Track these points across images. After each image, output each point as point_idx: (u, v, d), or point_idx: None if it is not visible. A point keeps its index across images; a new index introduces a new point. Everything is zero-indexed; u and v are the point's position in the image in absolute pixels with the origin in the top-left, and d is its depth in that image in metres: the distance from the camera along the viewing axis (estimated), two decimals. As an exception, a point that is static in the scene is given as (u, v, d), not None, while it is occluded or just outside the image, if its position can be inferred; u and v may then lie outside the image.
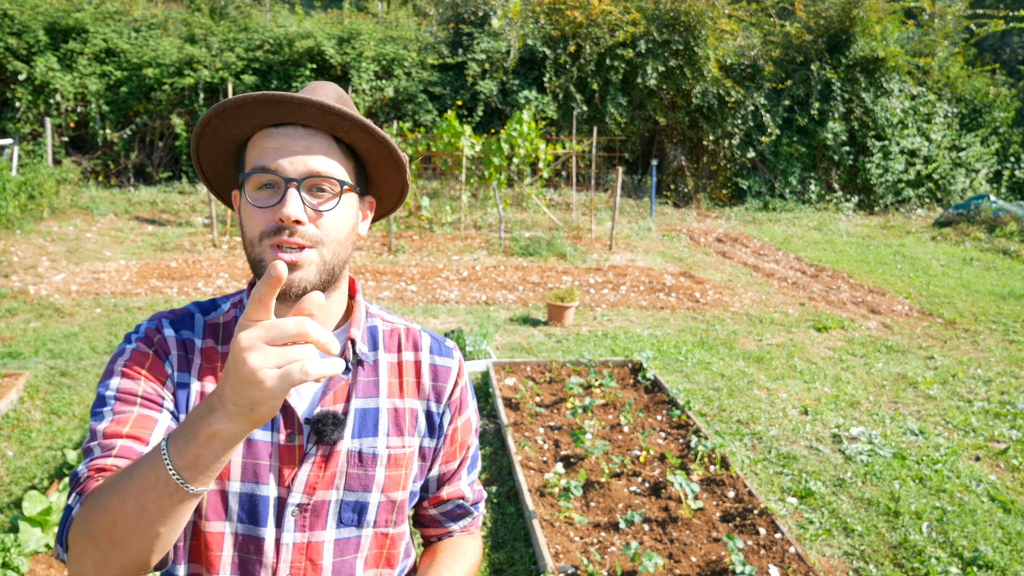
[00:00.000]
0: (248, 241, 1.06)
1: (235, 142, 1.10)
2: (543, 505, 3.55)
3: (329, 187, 1.05)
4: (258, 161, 1.04)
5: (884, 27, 16.10)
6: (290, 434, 1.08)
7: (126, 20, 14.02)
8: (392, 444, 1.14)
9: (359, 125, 1.05)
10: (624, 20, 14.84)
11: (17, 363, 5.40)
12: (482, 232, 11.68)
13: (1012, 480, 4.22)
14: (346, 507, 1.11)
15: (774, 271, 9.84)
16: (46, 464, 4.00)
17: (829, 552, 3.44)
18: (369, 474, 1.12)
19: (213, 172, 1.16)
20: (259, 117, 1.04)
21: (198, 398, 1.08)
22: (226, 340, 1.13)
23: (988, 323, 7.54)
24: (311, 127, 1.05)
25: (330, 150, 1.06)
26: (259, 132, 1.06)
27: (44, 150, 12.68)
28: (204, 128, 1.08)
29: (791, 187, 16.10)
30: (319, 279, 1.05)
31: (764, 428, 4.76)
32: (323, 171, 1.04)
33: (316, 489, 1.09)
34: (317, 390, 1.12)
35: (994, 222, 13.31)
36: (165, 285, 7.80)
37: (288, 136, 1.04)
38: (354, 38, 14.28)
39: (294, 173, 1.03)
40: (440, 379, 1.22)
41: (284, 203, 1.01)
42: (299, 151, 1.03)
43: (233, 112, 1.04)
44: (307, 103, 1.01)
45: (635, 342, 6.42)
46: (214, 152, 1.13)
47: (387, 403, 1.16)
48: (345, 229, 1.09)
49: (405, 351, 1.21)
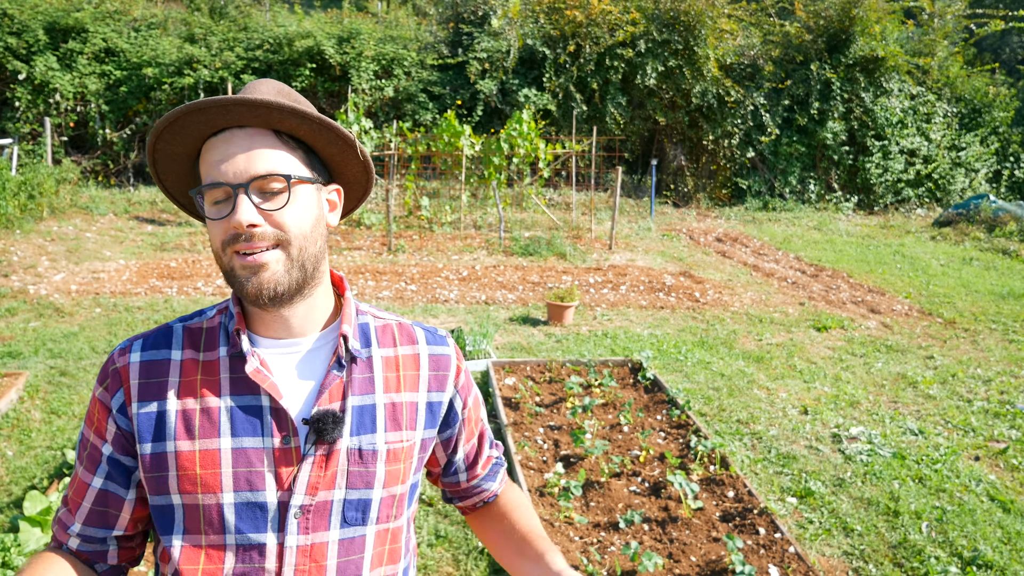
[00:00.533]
0: (216, 253, 1.07)
1: (189, 157, 1.10)
2: (543, 505, 3.55)
3: (277, 184, 1.04)
4: (206, 175, 1.05)
5: (884, 27, 16.11)
6: (285, 436, 1.07)
7: (126, 20, 14.02)
8: (391, 439, 1.14)
9: (289, 111, 1.03)
10: (624, 20, 14.84)
11: (17, 363, 5.40)
12: (482, 232, 11.68)
13: (1012, 480, 4.22)
14: (349, 506, 1.10)
15: (774, 271, 9.84)
16: (46, 464, 4.00)
17: (829, 552, 3.44)
18: (370, 471, 1.11)
19: (182, 194, 1.16)
20: (196, 129, 1.04)
21: (179, 419, 1.07)
22: (208, 347, 1.12)
23: (988, 323, 7.54)
24: (248, 127, 1.05)
25: (272, 145, 1.05)
26: (205, 144, 1.07)
27: (44, 150, 12.67)
28: (153, 154, 1.08)
29: (791, 187, 16.11)
30: (288, 278, 1.05)
31: (764, 428, 4.76)
32: (265, 170, 1.03)
33: (318, 489, 1.07)
34: (311, 390, 1.10)
35: (994, 222, 13.31)
36: (165, 285, 7.80)
37: (227, 142, 1.04)
38: (354, 38, 14.28)
39: (238, 179, 1.02)
40: (442, 368, 1.22)
41: (235, 211, 1.01)
42: (239, 155, 1.03)
43: (171, 130, 1.04)
44: (231, 102, 1.00)
45: (635, 342, 6.42)
46: (174, 173, 1.13)
47: (384, 398, 1.15)
48: (308, 222, 1.07)
49: (401, 345, 1.20)
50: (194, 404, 1.07)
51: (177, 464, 1.05)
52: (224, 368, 1.09)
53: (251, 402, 1.07)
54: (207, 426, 1.06)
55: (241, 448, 1.06)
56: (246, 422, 1.07)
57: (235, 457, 1.06)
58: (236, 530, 1.05)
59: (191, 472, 1.05)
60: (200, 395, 1.08)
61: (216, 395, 1.07)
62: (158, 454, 1.06)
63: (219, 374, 1.09)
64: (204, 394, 1.08)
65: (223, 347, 1.11)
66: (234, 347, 1.09)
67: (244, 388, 1.08)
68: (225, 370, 1.09)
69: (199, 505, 1.05)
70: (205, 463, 1.05)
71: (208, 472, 1.05)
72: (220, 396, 1.07)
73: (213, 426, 1.06)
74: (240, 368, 1.09)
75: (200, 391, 1.08)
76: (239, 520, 1.05)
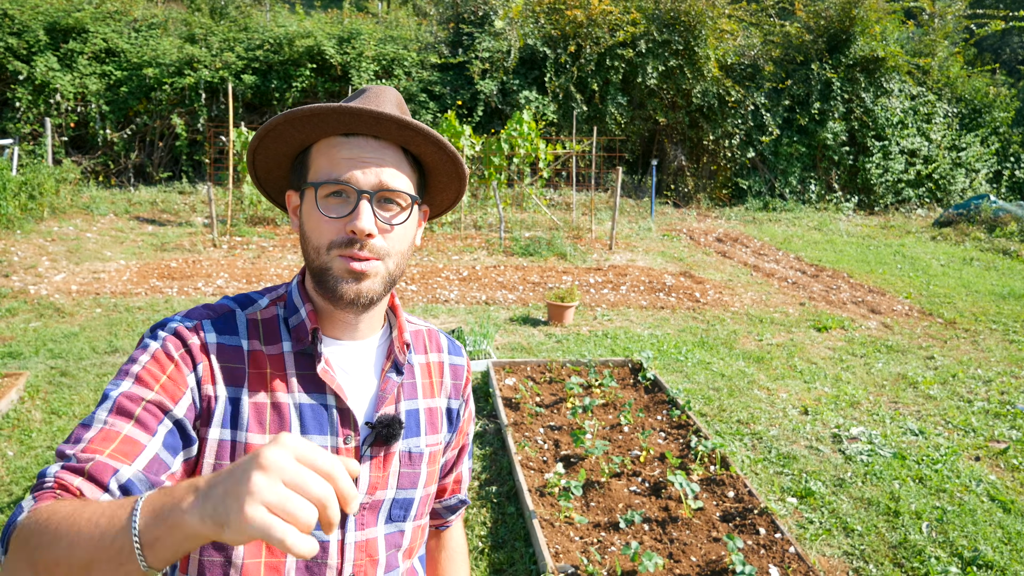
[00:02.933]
0: (313, 248, 1.05)
1: (299, 145, 1.10)
2: (543, 505, 3.55)
3: (399, 200, 1.07)
4: (330, 171, 1.04)
5: (884, 27, 16.11)
6: (348, 436, 1.10)
7: (126, 20, 14.02)
8: (430, 442, 1.20)
9: (432, 140, 1.06)
10: (624, 20, 14.84)
11: (17, 363, 5.40)
12: (482, 232, 11.68)
13: (1012, 480, 4.22)
14: (396, 504, 1.15)
15: (774, 271, 9.84)
16: (46, 464, 4.00)
17: (829, 552, 3.44)
18: (416, 472, 1.17)
19: (265, 169, 1.16)
20: (331, 125, 1.04)
21: (252, 410, 1.05)
22: (269, 339, 1.10)
23: (988, 323, 7.54)
24: (382, 138, 1.06)
25: (399, 163, 1.07)
26: (326, 139, 1.06)
27: (44, 150, 12.68)
28: (268, 132, 1.07)
29: (791, 187, 16.11)
30: (383, 290, 1.07)
31: (764, 428, 4.76)
32: (395, 185, 1.05)
33: (376, 489, 1.12)
34: (370, 392, 1.14)
35: (994, 222, 13.31)
36: (165, 285, 7.80)
37: (360, 147, 1.04)
38: (354, 38, 14.28)
39: (367, 185, 1.03)
40: (457, 377, 1.29)
41: (357, 216, 1.02)
42: (371, 163, 1.04)
43: (304, 120, 1.04)
44: (383, 117, 1.01)
45: (635, 342, 6.42)
46: (274, 152, 1.12)
47: (423, 403, 1.21)
48: (409, 241, 1.11)
49: (431, 352, 1.27)
50: (265, 397, 1.07)
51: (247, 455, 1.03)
52: (290, 364, 1.09)
53: (318, 400, 1.09)
54: (277, 421, 1.07)
55: None
56: (313, 420, 1.08)
57: None
58: None
59: None
60: (271, 389, 1.07)
61: (286, 391, 1.08)
62: (231, 442, 1.04)
63: (286, 370, 1.09)
64: (274, 388, 1.08)
65: (286, 342, 1.10)
66: (302, 343, 1.10)
67: (312, 386, 1.09)
68: (292, 366, 1.09)
69: None
70: None
71: None
72: (289, 392, 1.08)
73: (283, 422, 1.07)
74: (307, 366, 1.10)
75: (270, 385, 1.08)
76: None
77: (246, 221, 11.54)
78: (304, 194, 1.08)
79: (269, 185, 1.20)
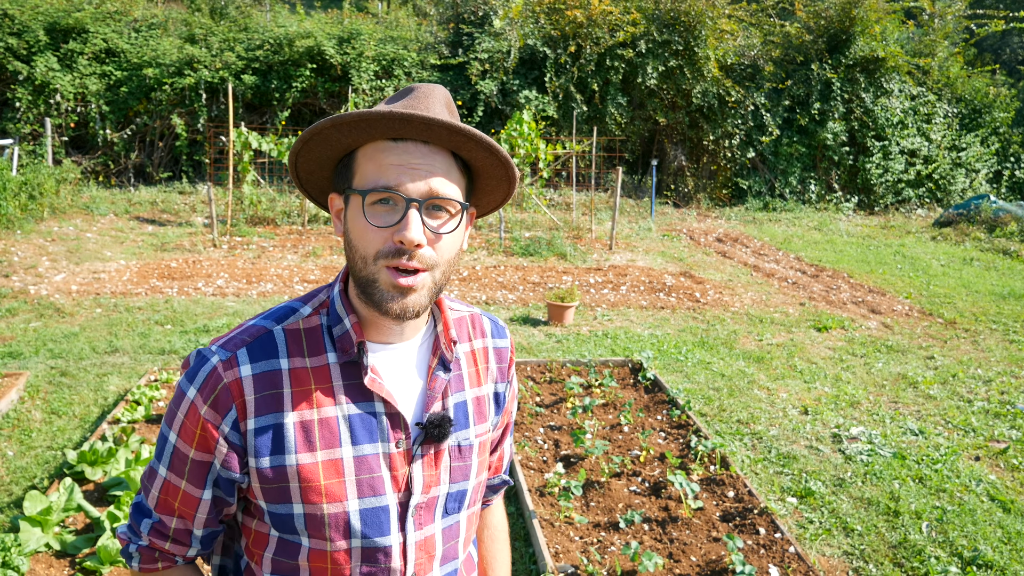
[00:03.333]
0: (360, 257, 1.03)
1: (345, 148, 1.06)
2: (543, 505, 3.55)
3: (449, 208, 1.04)
4: (378, 177, 1.01)
5: (884, 27, 16.11)
6: (399, 441, 1.09)
7: (126, 20, 14.02)
8: (479, 432, 1.19)
9: (484, 145, 1.02)
10: (624, 20, 14.84)
11: (17, 363, 5.40)
12: (482, 232, 11.68)
13: (1012, 480, 4.22)
14: (451, 498, 1.14)
15: (774, 271, 9.84)
16: (46, 464, 4.00)
17: (829, 552, 3.44)
18: (467, 464, 1.16)
19: (307, 170, 1.13)
20: (379, 130, 1.00)
21: (298, 431, 1.04)
22: (312, 351, 1.08)
23: (988, 323, 7.54)
24: (431, 143, 1.02)
25: (449, 169, 1.04)
26: (373, 143, 1.03)
27: (44, 150, 12.68)
28: (313, 136, 1.04)
29: (791, 187, 16.10)
30: (429, 300, 1.05)
31: (764, 428, 4.76)
32: (445, 193, 1.02)
33: (431, 488, 1.11)
34: (417, 391, 1.12)
35: (994, 222, 13.31)
36: (165, 285, 7.80)
37: (409, 153, 1.01)
38: (354, 38, 14.28)
39: (416, 194, 1.00)
40: (502, 360, 1.27)
41: (406, 226, 0.98)
42: (420, 170, 1.00)
43: (352, 125, 1.00)
44: (434, 123, 0.98)
45: (635, 342, 6.42)
46: (317, 154, 1.09)
47: (471, 393, 1.20)
48: (456, 248, 1.08)
49: (475, 339, 1.24)
50: (311, 415, 1.05)
51: (300, 476, 1.04)
52: (336, 375, 1.07)
53: (367, 408, 1.08)
54: (327, 436, 1.06)
55: (362, 455, 1.07)
56: (363, 429, 1.07)
57: (357, 465, 1.07)
58: (362, 535, 1.07)
59: (315, 484, 1.05)
60: (316, 405, 1.06)
61: (332, 404, 1.06)
62: (278, 467, 1.04)
63: (331, 381, 1.07)
64: (320, 403, 1.06)
65: (331, 353, 1.08)
66: (347, 355, 1.07)
67: (359, 395, 1.08)
68: (338, 378, 1.07)
69: (324, 514, 1.05)
70: (329, 474, 1.05)
71: (333, 483, 1.05)
72: (336, 404, 1.06)
73: (333, 436, 1.06)
74: (354, 375, 1.08)
75: (316, 400, 1.06)
76: (364, 526, 1.07)
77: (246, 221, 11.55)
78: (349, 199, 1.05)
79: (311, 186, 1.17)
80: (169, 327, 6.38)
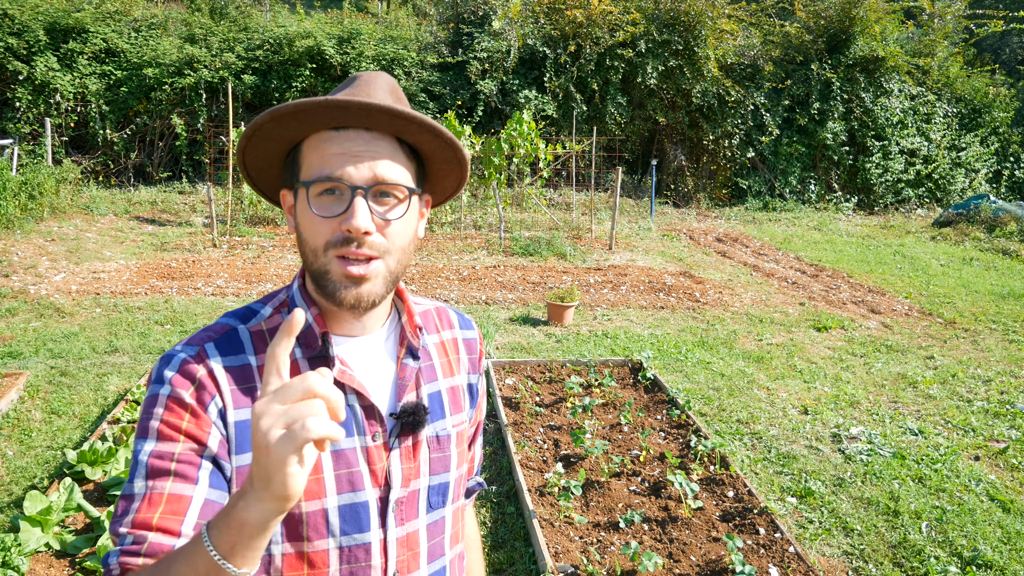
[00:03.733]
0: (310, 250, 1.01)
1: (289, 142, 1.05)
2: (543, 505, 3.55)
3: (396, 193, 1.02)
4: (322, 167, 0.99)
5: (884, 27, 16.12)
6: (376, 433, 1.07)
7: (126, 20, 14.02)
8: (455, 422, 1.18)
9: (426, 127, 1.01)
10: (624, 20, 14.84)
11: (17, 363, 5.40)
12: (482, 232, 11.68)
13: (1012, 480, 4.22)
14: (433, 491, 1.13)
15: (774, 271, 9.84)
16: (46, 464, 4.00)
17: (829, 552, 3.44)
18: (446, 455, 1.15)
19: (256, 168, 1.11)
20: (319, 120, 0.99)
21: None
22: None
23: (988, 323, 7.54)
24: (374, 130, 1.01)
25: (394, 153, 1.02)
26: (316, 134, 1.02)
27: (44, 150, 12.68)
28: (255, 131, 1.02)
29: (791, 187, 16.11)
30: (385, 290, 1.03)
31: (764, 428, 4.76)
32: (390, 178, 1.00)
33: (410, 480, 1.10)
34: (388, 382, 1.11)
35: (994, 222, 13.31)
36: (165, 285, 7.80)
37: (351, 140, 1.00)
38: (354, 38, 14.28)
39: (360, 180, 0.99)
40: (472, 351, 1.27)
41: (353, 214, 0.97)
42: (363, 157, 0.99)
43: (290, 117, 0.99)
44: (374, 108, 0.96)
45: (635, 342, 6.42)
46: (263, 151, 1.07)
47: (445, 383, 1.19)
48: (409, 235, 1.06)
49: (443, 330, 1.24)
50: None
51: None
52: (305, 370, 1.05)
53: None
54: None
55: (339, 450, 1.05)
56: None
57: (335, 460, 1.05)
58: (341, 532, 1.04)
59: None
60: None
61: None
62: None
63: None
64: None
65: (296, 348, 1.06)
66: (312, 349, 1.06)
67: None
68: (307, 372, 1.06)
69: (302, 513, 1.03)
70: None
71: (311, 479, 1.02)
72: None
73: None
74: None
75: None
76: (343, 522, 1.05)
77: (246, 221, 11.55)
78: (297, 193, 1.03)
79: (264, 184, 1.15)
80: (169, 327, 6.38)
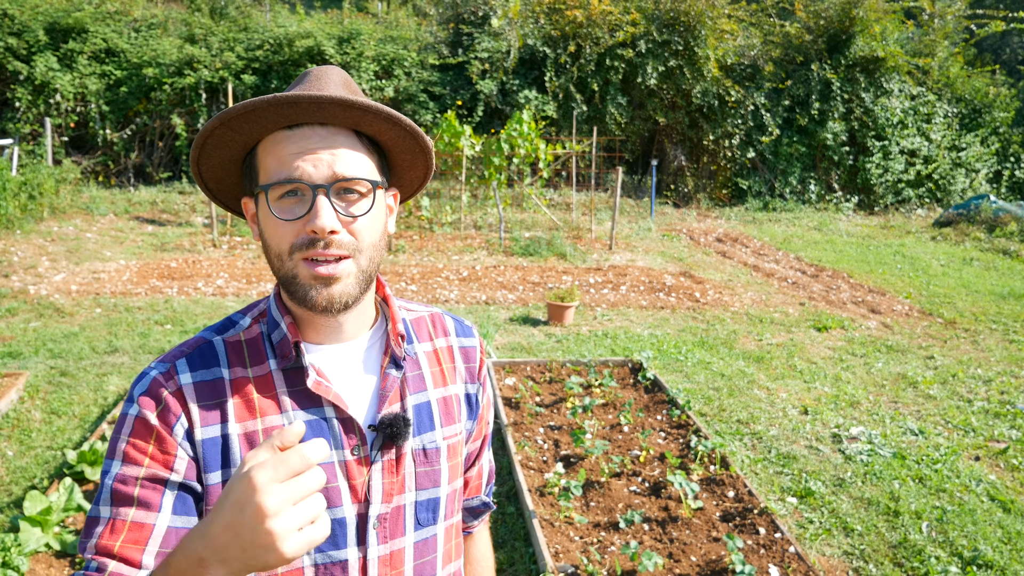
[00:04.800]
0: (276, 256, 0.97)
1: (243, 147, 1.01)
2: (543, 505, 3.55)
3: (359, 188, 0.98)
4: (280, 170, 0.95)
5: (884, 27, 16.11)
6: (355, 446, 1.02)
7: (126, 20, 14.02)
8: (447, 434, 1.12)
9: (383, 116, 0.96)
10: (624, 20, 14.84)
11: (17, 363, 5.40)
12: (482, 232, 11.68)
13: (1012, 480, 4.22)
14: (421, 507, 1.07)
15: (774, 271, 9.84)
16: (46, 464, 4.00)
17: (829, 552, 3.44)
18: (436, 469, 1.09)
19: (214, 179, 1.06)
20: (270, 120, 0.95)
21: (242, 443, 0.98)
22: (254, 360, 1.03)
23: (988, 323, 7.54)
24: (329, 125, 0.97)
25: (354, 147, 0.98)
26: (270, 136, 0.98)
27: (44, 150, 12.68)
28: (207, 139, 0.98)
29: (791, 187, 16.11)
30: (359, 290, 0.99)
31: (764, 428, 4.76)
32: (351, 173, 0.96)
33: (393, 496, 1.04)
34: (370, 393, 1.06)
35: (994, 222, 13.31)
36: (165, 285, 7.80)
37: (306, 138, 0.95)
38: (354, 38, 14.28)
39: (320, 179, 0.94)
40: (470, 360, 1.21)
41: (316, 214, 0.93)
42: (320, 153, 0.95)
43: (240, 119, 0.95)
44: (325, 100, 0.92)
45: (635, 342, 6.42)
46: (218, 159, 1.02)
47: (435, 393, 1.13)
48: (379, 230, 1.02)
49: (437, 338, 1.18)
50: (255, 425, 0.99)
51: None
52: (280, 383, 1.02)
53: (316, 414, 1.01)
54: None
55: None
56: (313, 437, 0.99)
57: None
58: (316, 548, 0.99)
59: None
60: (260, 414, 0.99)
61: (277, 412, 1.00)
62: (224, 482, 0.98)
63: (275, 388, 1.01)
64: (264, 412, 1.00)
65: (272, 360, 1.03)
66: (287, 360, 1.02)
67: (306, 402, 1.01)
68: (281, 384, 1.02)
69: None
70: None
71: None
72: (282, 412, 1.00)
73: None
74: (298, 381, 1.02)
75: (259, 409, 1.00)
76: None
77: (246, 221, 11.54)
78: (258, 199, 0.99)
79: (225, 196, 1.09)
80: (169, 327, 6.38)
